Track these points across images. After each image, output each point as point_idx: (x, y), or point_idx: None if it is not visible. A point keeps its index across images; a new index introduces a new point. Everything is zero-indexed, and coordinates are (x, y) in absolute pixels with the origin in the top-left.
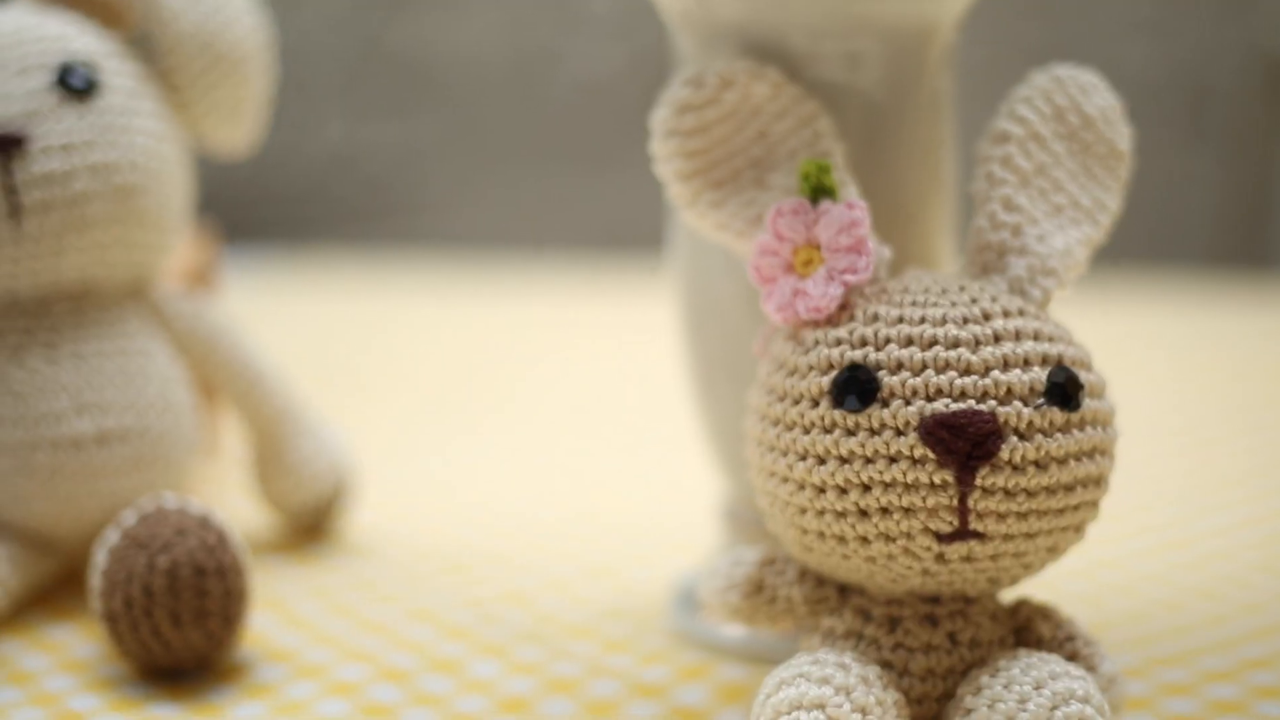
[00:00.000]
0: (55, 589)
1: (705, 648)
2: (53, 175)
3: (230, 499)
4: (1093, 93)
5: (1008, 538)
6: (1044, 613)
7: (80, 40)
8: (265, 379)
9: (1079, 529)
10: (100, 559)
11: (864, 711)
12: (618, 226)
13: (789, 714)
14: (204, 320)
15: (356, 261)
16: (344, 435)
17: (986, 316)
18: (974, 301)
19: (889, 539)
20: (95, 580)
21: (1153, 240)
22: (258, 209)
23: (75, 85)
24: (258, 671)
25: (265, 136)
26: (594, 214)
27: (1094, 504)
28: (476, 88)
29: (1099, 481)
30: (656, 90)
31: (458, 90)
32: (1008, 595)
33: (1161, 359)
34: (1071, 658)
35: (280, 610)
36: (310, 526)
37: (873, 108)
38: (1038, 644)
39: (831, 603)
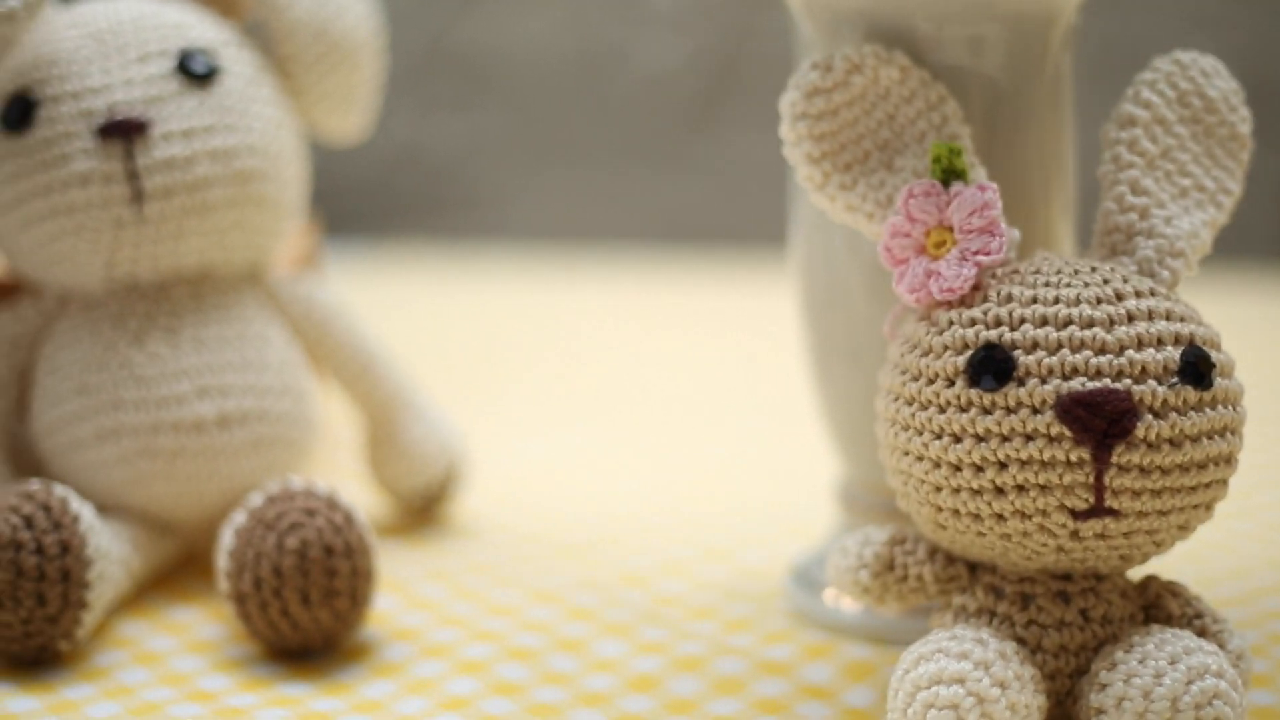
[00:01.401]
0: (174, 571)
1: (825, 627)
2: (174, 160)
3: (340, 482)
4: (1215, 77)
5: (1141, 515)
6: (1172, 589)
7: (199, 27)
8: (377, 362)
9: (1209, 507)
10: (227, 540)
11: (1003, 685)
12: (680, 220)
13: (929, 688)
14: (317, 304)
15: (422, 254)
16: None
17: (1119, 297)
18: (1106, 282)
19: (1024, 516)
20: (223, 561)
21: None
22: (324, 201)
23: (196, 71)
24: (384, 651)
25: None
26: (656, 208)
27: (1224, 482)
28: (541, 83)
29: (1229, 459)
30: (717, 86)
31: (522, 85)
32: (1135, 572)
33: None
34: (1200, 634)
35: (402, 591)
36: (422, 509)
37: (994, 91)
38: (1167, 620)
39: (962, 581)
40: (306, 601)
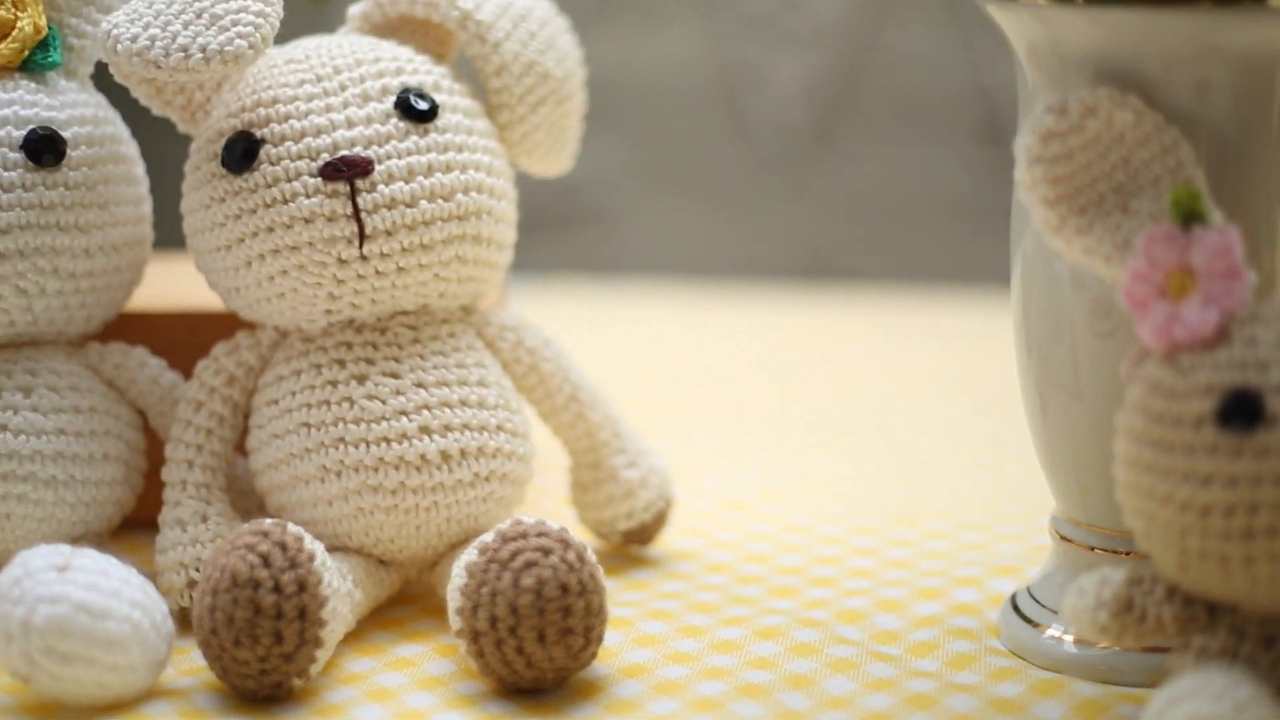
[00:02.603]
0: (388, 605)
1: (1047, 665)
2: (396, 199)
3: (545, 514)
4: None
5: None
6: None
7: (416, 66)
8: (584, 394)
9: None
10: (459, 577)
11: None
12: (809, 249)
13: None
14: (527, 338)
15: (550, 281)
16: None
17: None
18: None
19: (1275, 559)
20: (454, 599)
21: None
22: None
23: (416, 110)
24: (616, 688)
25: None
26: (785, 237)
27: None
28: (673, 105)
29: None
30: (833, 116)
31: (653, 108)
32: None
33: None
34: None
35: (625, 628)
36: (630, 541)
37: (1221, 134)
38: None
39: (1202, 621)
40: (542, 639)
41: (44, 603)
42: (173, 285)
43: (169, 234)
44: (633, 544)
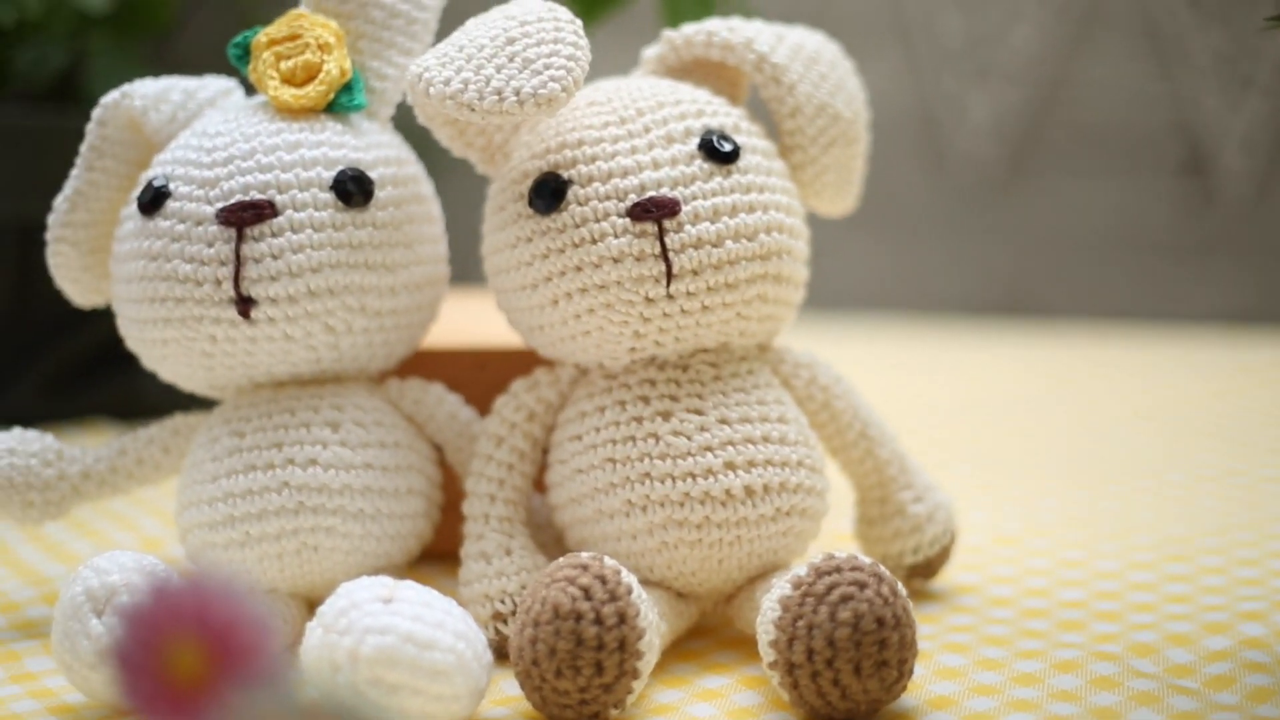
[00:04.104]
0: (685, 637)
1: None
2: (702, 239)
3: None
4: None
5: None
6: None
7: (715, 108)
8: (873, 430)
9: None
10: (771, 611)
11: None
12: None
13: None
14: (820, 375)
15: None
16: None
17: None
18: None
19: None
20: (767, 632)
21: None
22: None
23: (720, 152)
24: (926, 719)
25: None
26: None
27: None
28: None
29: None
30: (1028, 149)
31: None
32: None
33: None
34: None
35: (924, 659)
36: (914, 575)
37: None
38: None
39: None
40: (858, 672)
41: (372, 634)
42: (459, 322)
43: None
44: (916, 578)
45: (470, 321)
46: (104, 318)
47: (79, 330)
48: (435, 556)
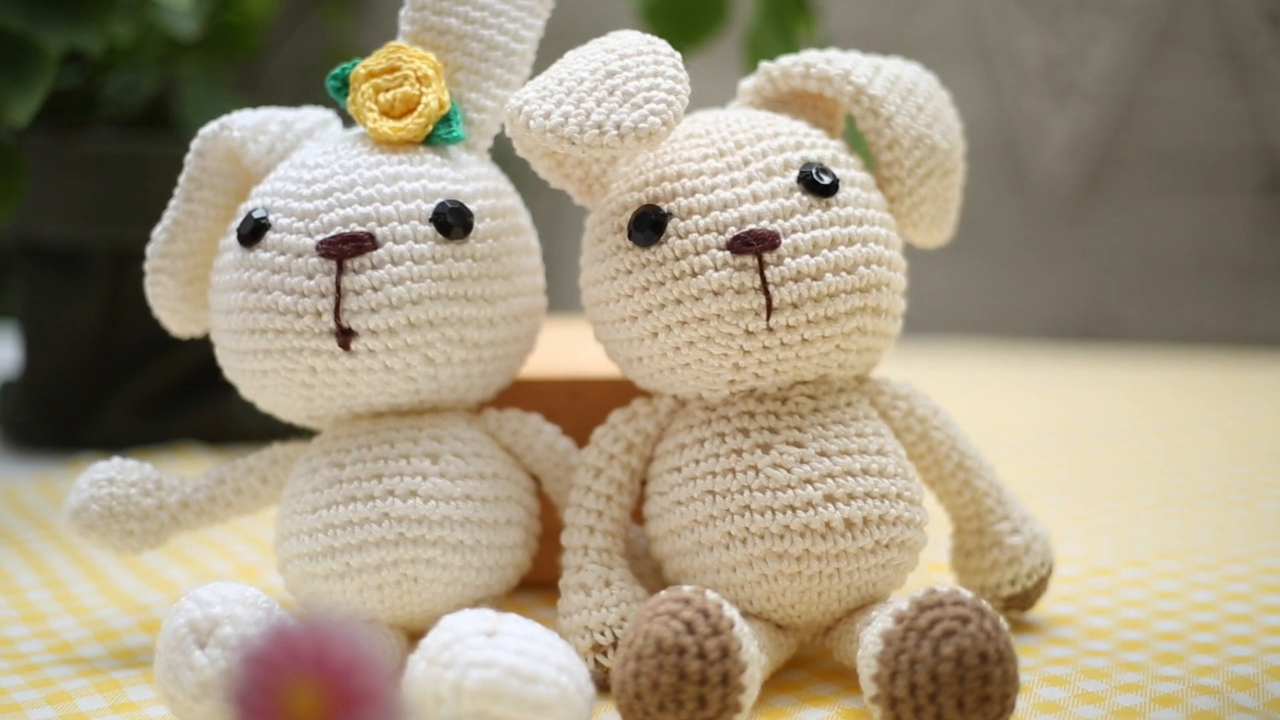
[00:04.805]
0: (783, 669)
1: None
2: (802, 273)
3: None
4: None
5: None
6: None
7: (813, 140)
8: (971, 461)
9: None
10: (874, 645)
11: None
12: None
13: None
14: (918, 406)
15: None
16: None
17: None
18: None
19: None
20: (869, 666)
21: None
22: None
23: (819, 185)
24: None
25: None
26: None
27: None
28: None
29: None
30: (1106, 169)
31: None
32: None
33: None
34: None
35: (1024, 692)
36: (1011, 606)
37: None
38: None
39: None
40: (961, 707)
41: (475, 667)
42: (553, 350)
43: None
44: (1013, 609)
45: (564, 350)
46: (194, 343)
47: (169, 355)
48: (531, 585)
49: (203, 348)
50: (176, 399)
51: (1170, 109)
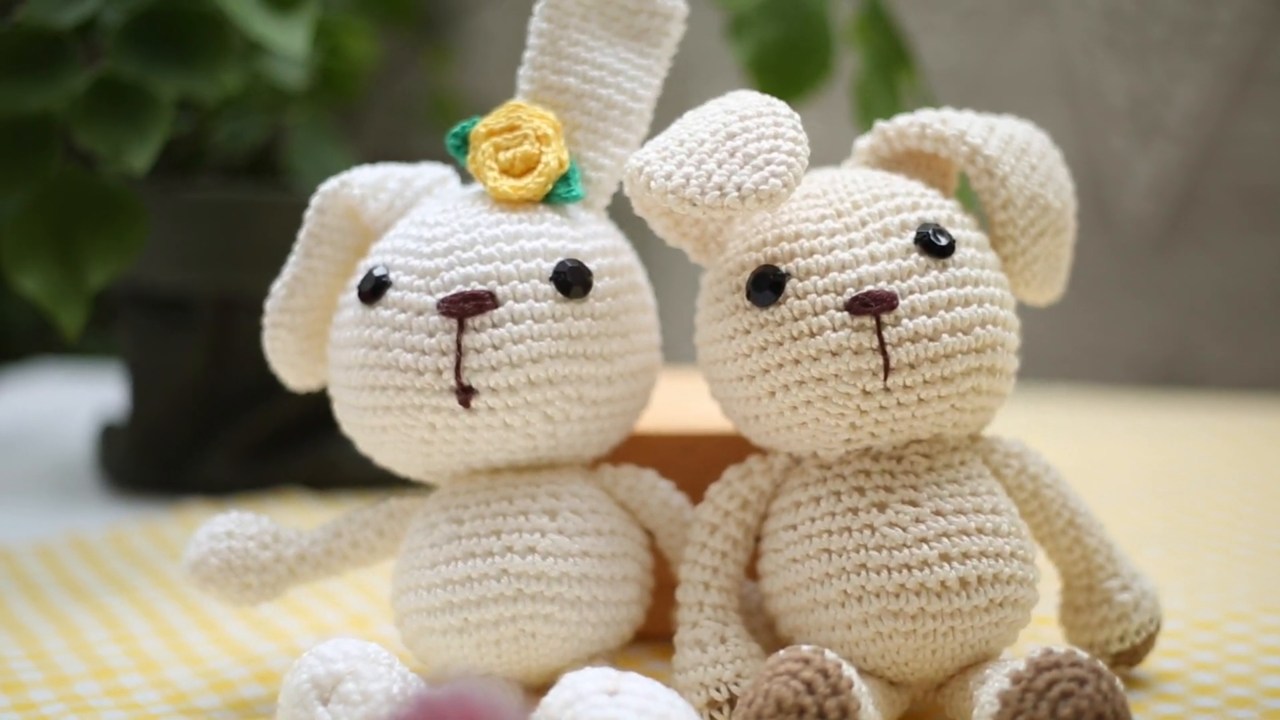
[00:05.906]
0: None
1: None
2: (919, 333)
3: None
4: None
5: None
6: None
7: (929, 200)
8: (1081, 518)
9: None
10: (990, 705)
11: None
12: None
13: None
14: (1030, 464)
15: None
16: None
17: None
18: None
19: None
20: None
21: None
22: None
23: (936, 246)
24: None
25: None
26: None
27: None
28: None
29: None
30: (1190, 208)
31: None
32: None
33: None
34: None
35: None
36: (1118, 663)
37: None
38: None
39: None
40: None
41: None
42: (665, 403)
43: None
44: (1120, 665)
45: (676, 403)
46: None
47: (273, 400)
48: (643, 638)
49: (306, 394)
50: (280, 444)
51: (1255, 148)
